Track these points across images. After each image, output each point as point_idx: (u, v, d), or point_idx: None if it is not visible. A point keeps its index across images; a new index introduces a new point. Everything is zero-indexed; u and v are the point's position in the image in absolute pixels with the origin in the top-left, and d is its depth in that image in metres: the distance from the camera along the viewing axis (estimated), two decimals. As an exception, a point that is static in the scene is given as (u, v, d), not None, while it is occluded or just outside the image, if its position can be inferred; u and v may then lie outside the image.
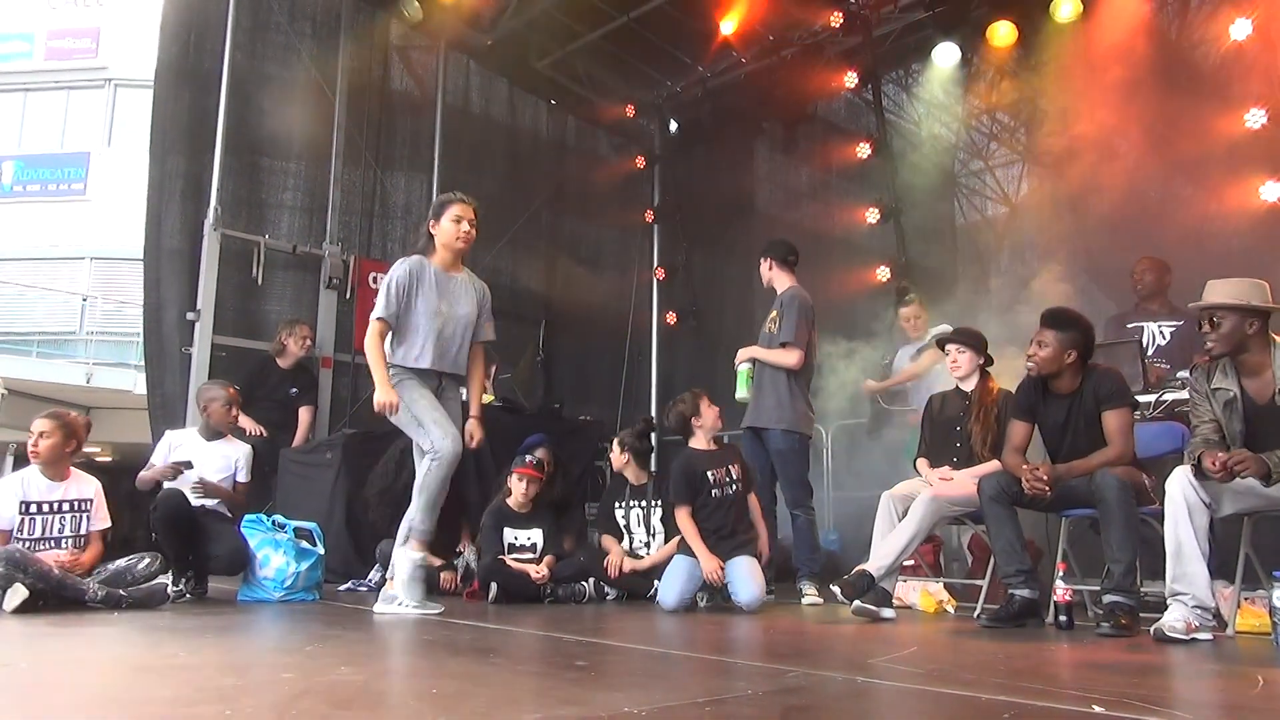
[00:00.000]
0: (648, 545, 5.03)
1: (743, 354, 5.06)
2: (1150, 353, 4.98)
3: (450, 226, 4.09)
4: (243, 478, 4.79)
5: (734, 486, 4.54)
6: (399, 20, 7.55)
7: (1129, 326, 5.18)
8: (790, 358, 4.87)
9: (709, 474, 4.52)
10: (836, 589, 4.03)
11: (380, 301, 3.99)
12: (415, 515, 3.92)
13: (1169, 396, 4.36)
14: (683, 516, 4.49)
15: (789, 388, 4.88)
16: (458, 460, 3.92)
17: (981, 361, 4.49)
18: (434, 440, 3.87)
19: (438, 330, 4.02)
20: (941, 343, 4.61)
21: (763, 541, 4.59)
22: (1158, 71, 5.83)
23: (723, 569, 4.36)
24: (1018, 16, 6.54)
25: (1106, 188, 6.17)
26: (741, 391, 4.98)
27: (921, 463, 4.51)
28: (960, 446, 4.39)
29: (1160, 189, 6.15)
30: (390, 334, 4.00)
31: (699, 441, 4.64)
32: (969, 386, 4.48)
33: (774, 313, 5.02)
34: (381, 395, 3.86)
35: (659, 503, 5.03)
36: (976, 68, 7.00)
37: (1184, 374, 4.31)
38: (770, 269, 5.13)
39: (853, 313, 6.56)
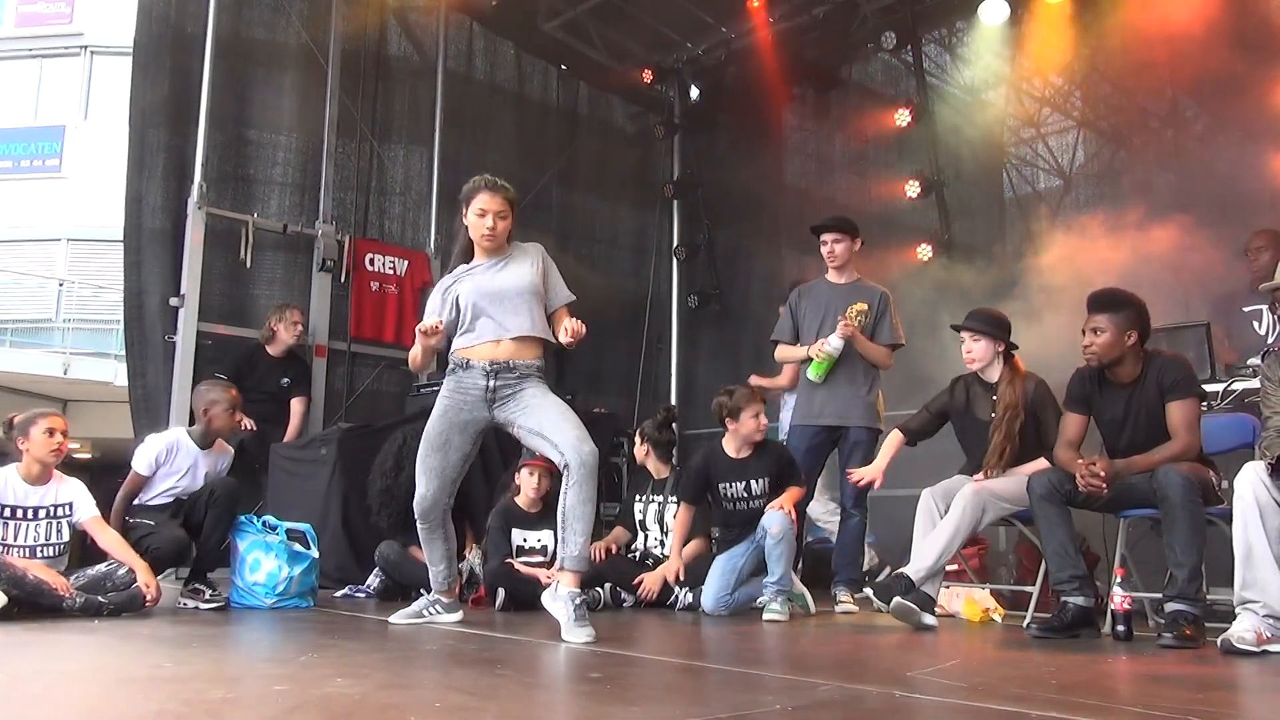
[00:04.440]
0: (662, 543, 5.07)
1: (847, 334, 4.90)
2: (1272, 339, 4.88)
3: (474, 221, 3.74)
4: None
5: (752, 502, 4.60)
6: (396, -22, 7.56)
7: (1245, 310, 5.07)
8: (891, 363, 5.09)
9: (723, 486, 4.64)
10: (869, 591, 4.04)
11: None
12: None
13: (1239, 386, 4.32)
14: (682, 514, 4.79)
15: (876, 385, 5.06)
16: (438, 512, 3.80)
17: (1001, 349, 4.36)
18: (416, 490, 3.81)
19: (486, 302, 3.73)
20: (956, 328, 4.56)
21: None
22: (1231, 27, 5.74)
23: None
24: (1073, -32, 6.47)
25: (1172, 156, 6.11)
26: (817, 374, 4.96)
27: (895, 434, 4.55)
28: (987, 457, 4.28)
29: (1234, 157, 6.07)
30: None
31: (729, 445, 4.68)
32: (992, 377, 4.36)
33: (861, 305, 5.08)
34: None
35: (675, 499, 5.07)
36: (1028, 24, 6.92)
37: (1254, 361, 4.27)
38: (855, 248, 5.20)
39: (891, 294, 6.54)
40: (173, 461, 4.62)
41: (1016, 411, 4.22)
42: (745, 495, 4.62)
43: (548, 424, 3.64)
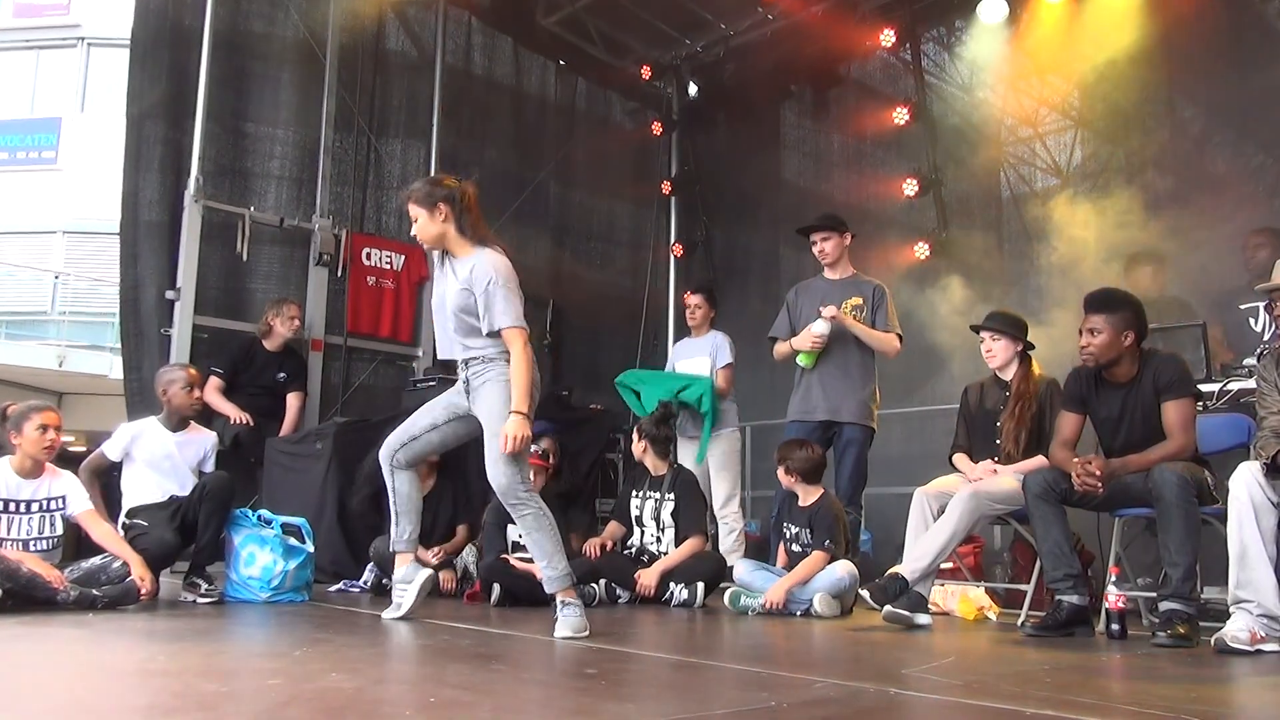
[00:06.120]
0: (658, 539, 5.07)
1: (830, 314, 5.00)
2: (1267, 336, 4.91)
3: None
4: (208, 468, 4.77)
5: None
6: (394, -27, 7.54)
7: (1242, 307, 5.11)
8: (895, 346, 5.11)
9: (786, 527, 4.87)
10: (865, 593, 4.04)
11: None
12: None
13: (1235, 386, 4.33)
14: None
15: (871, 383, 5.11)
16: (388, 454, 3.85)
17: (1019, 349, 4.47)
18: None
19: (436, 314, 3.91)
20: (976, 329, 4.61)
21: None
22: (1229, 27, 5.75)
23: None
24: (1072, -33, 6.46)
25: (1169, 155, 6.10)
26: (807, 361, 5.08)
27: (959, 458, 4.51)
28: (1001, 443, 4.38)
29: (1231, 156, 6.08)
30: None
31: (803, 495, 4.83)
32: (1009, 375, 4.47)
33: (855, 299, 5.13)
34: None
35: (672, 495, 5.08)
36: (1026, 24, 6.92)
37: (1250, 361, 4.27)
38: (846, 242, 5.26)
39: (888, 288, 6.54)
40: (143, 445, 4.63)
41: (1030, 402, 4.32)
42: (799, 540, 4.74)
43: (483, 437, 3.63)
